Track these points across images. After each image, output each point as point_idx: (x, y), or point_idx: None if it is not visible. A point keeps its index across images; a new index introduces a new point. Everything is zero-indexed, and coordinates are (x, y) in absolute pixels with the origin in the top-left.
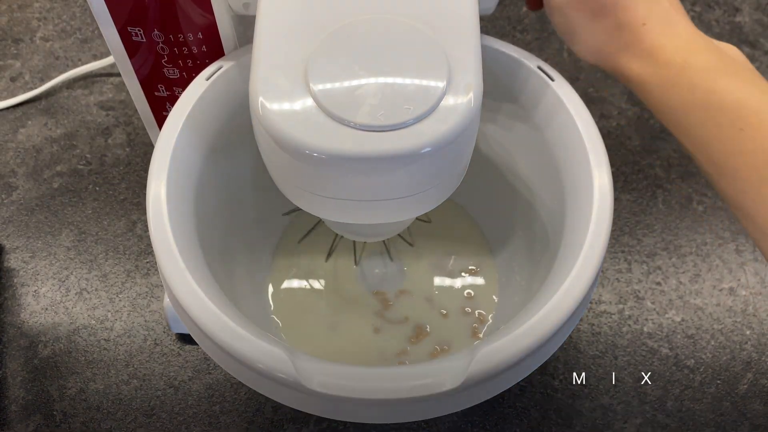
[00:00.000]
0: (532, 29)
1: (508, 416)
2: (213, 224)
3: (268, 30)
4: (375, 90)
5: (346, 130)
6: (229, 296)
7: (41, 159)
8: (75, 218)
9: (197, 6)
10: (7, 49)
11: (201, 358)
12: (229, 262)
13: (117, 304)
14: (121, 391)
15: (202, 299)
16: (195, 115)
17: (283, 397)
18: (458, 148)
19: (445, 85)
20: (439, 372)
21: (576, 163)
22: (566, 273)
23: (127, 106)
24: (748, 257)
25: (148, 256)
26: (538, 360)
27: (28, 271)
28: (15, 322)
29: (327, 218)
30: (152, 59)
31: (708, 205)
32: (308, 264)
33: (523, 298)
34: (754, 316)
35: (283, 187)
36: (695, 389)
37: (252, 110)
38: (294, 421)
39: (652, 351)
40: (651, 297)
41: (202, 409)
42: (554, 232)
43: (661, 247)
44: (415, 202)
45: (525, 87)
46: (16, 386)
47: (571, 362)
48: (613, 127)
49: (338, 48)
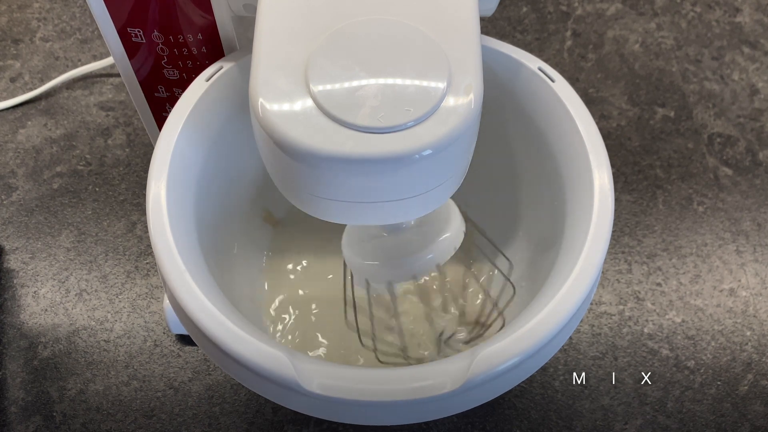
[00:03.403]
0: (532, 30)
1: (508, 417)
2: (213, 225)
3: (268, 31)
4: (375, 91)
5: (346, 132)
6: (229, 297)
7: (41, 160)
8: (75, 219)
9: (197, 7)
10: (6, 49)
11: (201, 359)
12: (229, 263)
13: (117, 305)
14: (121, 392)
15: (202, 301)
16: (195, 116)
17: (282, 399)
18: (459, 149)
19: (446, 87)
20: (440, 374)
21: (576, 164)
22: (567, 274)
23: (127, 107)
24: (749, 258)
25: (148, 257)
26: (538, 362)
27: (27, 272)
28: (15, 323)
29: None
30: (152, 60)
31: (708, 205)
32: (308, 264)
33: (524, 299)
34: (755, 317)
35: (283, 188)
36: (695, 390)
37: (252, 111)
38: (294, 422)
39: (652, 352)
40: (651, 298)
41: (202, 410)
42: (554, 233)
43: (662, 247)
44: (415, 203)
45: (525, 88)
46: (15, 387)
47: (572, 363)
48: (614, 127)
49: (338, 49)
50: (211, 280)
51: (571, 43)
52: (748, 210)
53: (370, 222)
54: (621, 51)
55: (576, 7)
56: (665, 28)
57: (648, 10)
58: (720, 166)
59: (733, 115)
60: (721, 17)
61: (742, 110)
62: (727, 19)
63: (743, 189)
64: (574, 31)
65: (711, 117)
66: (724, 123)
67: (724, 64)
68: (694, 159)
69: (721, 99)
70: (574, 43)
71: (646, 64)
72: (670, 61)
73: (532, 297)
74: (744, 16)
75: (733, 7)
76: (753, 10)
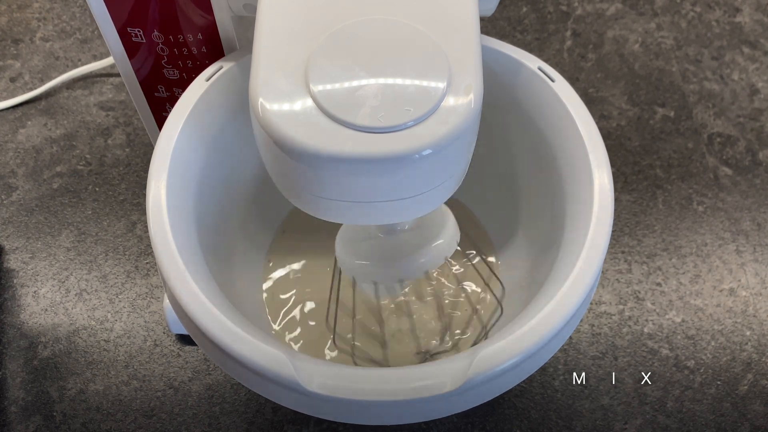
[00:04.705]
0: (532, 30)
1: (508, 417)
2: (213, 225)
3: (268, 31)
4: (375, 91)
5: (346, 132)
6: (229, 297)
7: (41, 159)
8: (75, 219)
9: (197, 7)
10: (6, 49)
11: (201, 358)
12: (229, 263)
13: (117, 305)
14: (121, 392)
15: (202, 301)
16: (195, 115)
17: (282, 398)
18: (459, 149)
19: (446, 87)
20: (440, 373)
21: (576, 164)
22: (567, 274)
23: (127, 107)
24: (749, 258)
25: (148, 256)
26: (538, 361)
27: (27, 272)
28: (15, 323)
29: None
30: (152, 60)
31: (708, 205)
32: (307, 264)
33: (524, 299)
34: (755, 316)
35: (283, 188)
36: (695, 390)
37: (252, 111)
38: (294, 422)
39: (652, 352)
40: (651, 298)
41: (202, 410)
42: (554, 233)
43: (662, 247)
44: (415, 203)
45: (525, 88)
46: (15, 387)
47: (572, 363)
48: (614, 127)
49: (338, 49)
50: (210, 280)
51: (571, 43)
52: (748, 210)
53: (369, 222)
54: (621, 51)
55: (576, 7)
56: (665, 28)
57: (648, 10)
58: (720, 165)
59: (733, 115)
60: (721, 17)
61: (742, 110)
62: (727, 19)
63: (743, 189)
64: (574, 31)
65: (711, 117)
66: (724, 123)
67: (724, 64)
68: (694, 159)
69: (721, 99)
70: (574, 43)
71: (646, 64)
72: (670, 61)
73: (532, 297)
74: (744, 16)
75: (733, 7)
76: (753, 10)
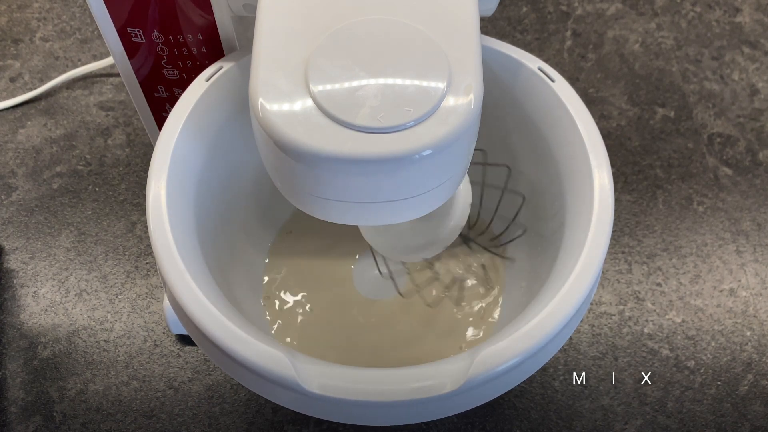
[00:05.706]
0: (532, 30)
1: (508, 417)
2: (213, 225)
3: (268, 31)
4: (375, 91)
5: (346, 132)
6: (229, 297)
7: (41, 160)
8: (75, 219)
9: (197, 7)
10: (6, 49)
11: (201, 359)
12: (229, 263)
13: (117, 305)
14: (120, 393)
15: (202, 301)
16: (195, 116)
17: (282, 399)
18: (459, 149)
19: (446, 87)
20: (440, 374)
21: (576, 164)
22: (567, 274)
23: (126, 107)
24: (749, 258)
25: (148, 257)
26: (538, 362)
27: (27, 272)
28: (14, 323)
29: (327, 219)
30: (152, 60)
31: (708, 205)
32: (308, 265)
33: (524, 299)
34: (755, 317)
35: (283, 188)
36: (695, 390)
37: (252, 111)
38: (294, 422)
39: (652, 352)
40: (651, 298)
41: (202, 410)
42: (555, 233)
43: (662, 247)
44: (415, 203)
45: (525, 88)
46: (15, 387)
47: (572, 363)
48: (614, 127)
49: (338, 49)
50: (210, 280)
51: (571, 43)
52: (748, 210)
53: (370, 222)
54: (621, 51)
55: (576, 7)
56: (665, 28)
57: (648, 10)
58: (720, 166)
59: (733, 115)
60: (721, 17)
61: (742, 110)
62: (727, 19)
63: (743, 189)
64: (574, 31)
65: (711, 117)
66: (724, 123)
67: (724, 64)
68: (694, 159)
69: (721, 99)
70: (574, 43)
71: (646, 64)
72: (670, 61)
73: (532, 297)
74: (744, 16)
75: (733, 7)
76: (753, 10)
